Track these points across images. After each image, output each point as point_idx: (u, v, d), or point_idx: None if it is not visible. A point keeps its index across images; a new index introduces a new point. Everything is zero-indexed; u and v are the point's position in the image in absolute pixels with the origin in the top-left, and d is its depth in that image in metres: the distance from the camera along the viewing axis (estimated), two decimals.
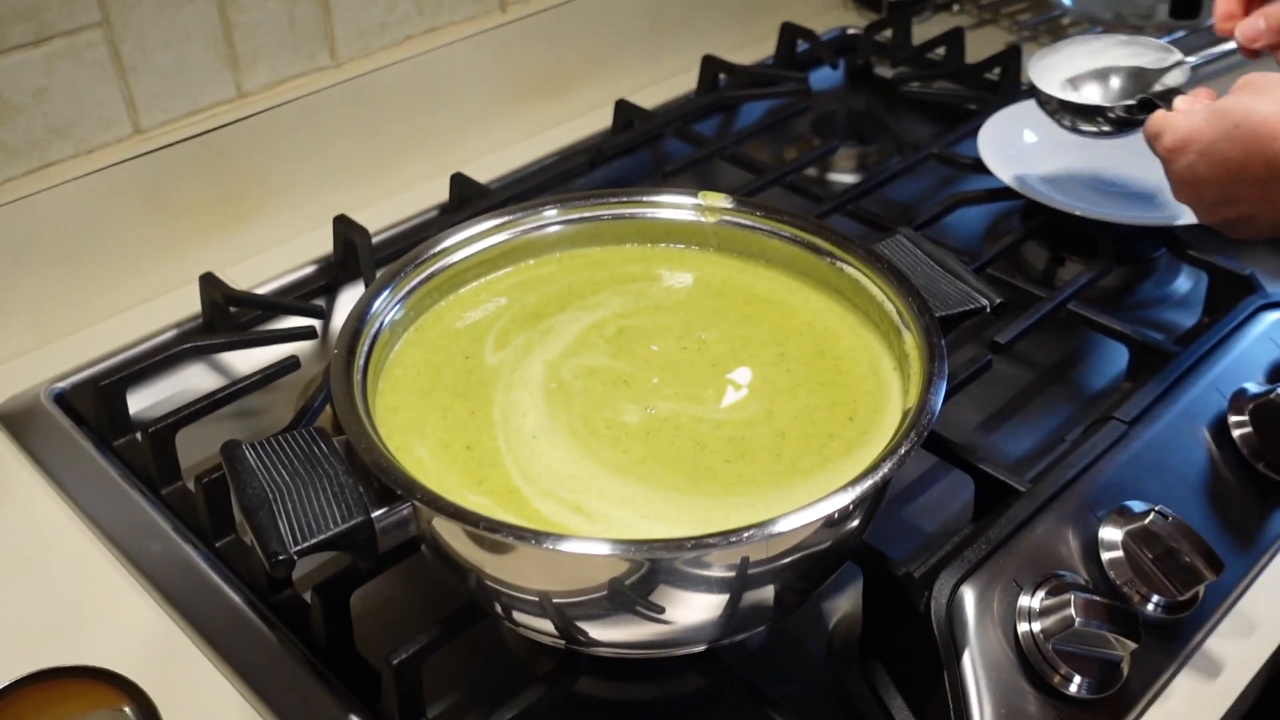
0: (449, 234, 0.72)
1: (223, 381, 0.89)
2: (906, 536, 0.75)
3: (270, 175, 1.00)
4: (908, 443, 0.57)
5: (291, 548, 0.55)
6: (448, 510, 0.54)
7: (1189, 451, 0.77)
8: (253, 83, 0.98)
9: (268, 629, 0.68)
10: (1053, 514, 0.71)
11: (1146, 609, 0.68)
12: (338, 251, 0.97)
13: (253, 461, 0.59)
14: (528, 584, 0.57)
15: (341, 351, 0.63)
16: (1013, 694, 0.63)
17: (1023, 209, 1.02)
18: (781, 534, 0.54)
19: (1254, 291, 0.89)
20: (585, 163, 1.07)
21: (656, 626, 0.58)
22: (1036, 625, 0.65)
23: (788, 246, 0.74)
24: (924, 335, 0.64)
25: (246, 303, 0.91)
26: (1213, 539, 0.69)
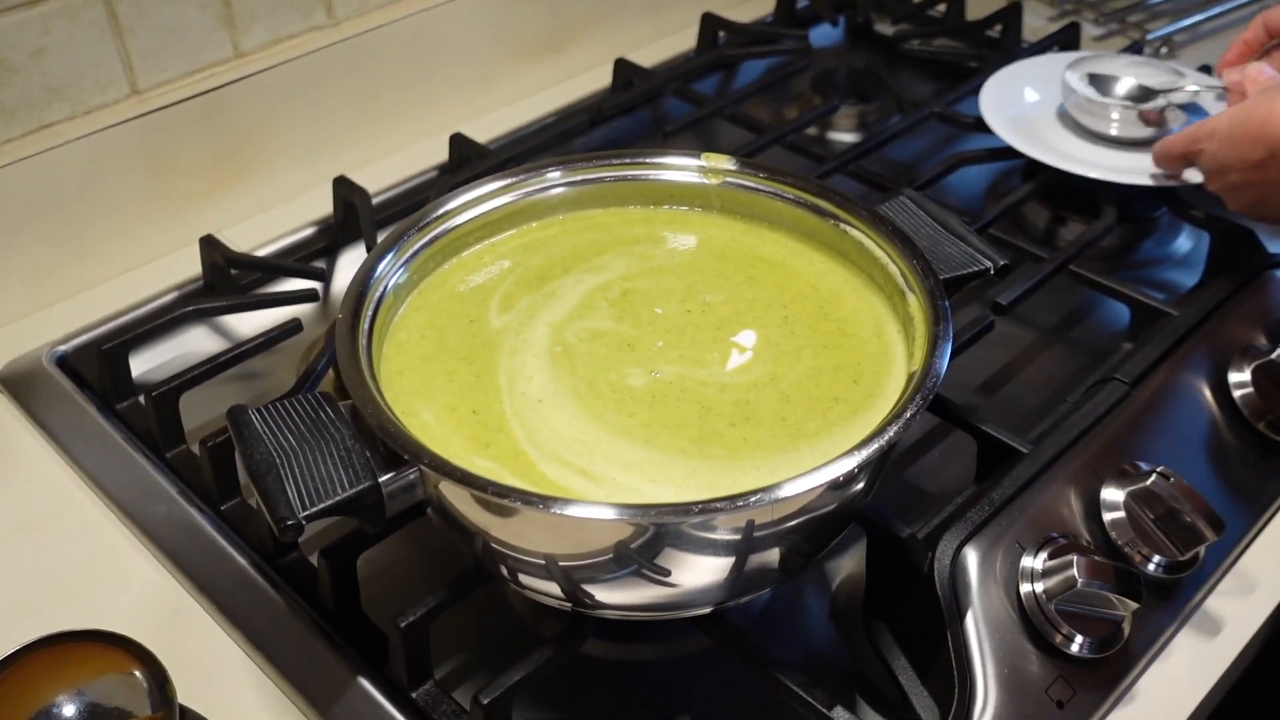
0: (451, 197, 0.71)
1: (224, 343, 0.89)
2: (909, 498, 0.76)
3: (268, 135, 0.99)
4: (913, 406, 0.57)
5: (300, 513, 0.55)
6: (455, 475, 0.54)
7: (1190, 412, 0.77)
8: (250, 42, 0.97)
9: (275, 592, 0.69)
10: (1055, 475, 0.71)
11: (1148, 569, 0.69)
12: (338, 213, 0.96)
13: (259, 426, 0.58)
14: (535, 548, 0.57)
15: (346, 316, 0.63)
16: (1015, 654, 0.64)
17: (1024, 168, 1.01)
18: (787, 498, 0.54)
19: (1255, 251, 0.89)
20: (585, 122, 1.06)
21: (662, 589, 0.58)
22: (1039, 586, 0.65)
23: (791, 208, 0.73)
24: (928, 298, 0.64)
25: (247, 265, 0.90)
26: (1214, 499, 0.70)
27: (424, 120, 1.09)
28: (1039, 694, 0.63)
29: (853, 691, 0.67)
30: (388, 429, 0.57)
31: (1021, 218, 1.00)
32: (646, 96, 1.10)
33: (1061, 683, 0.64)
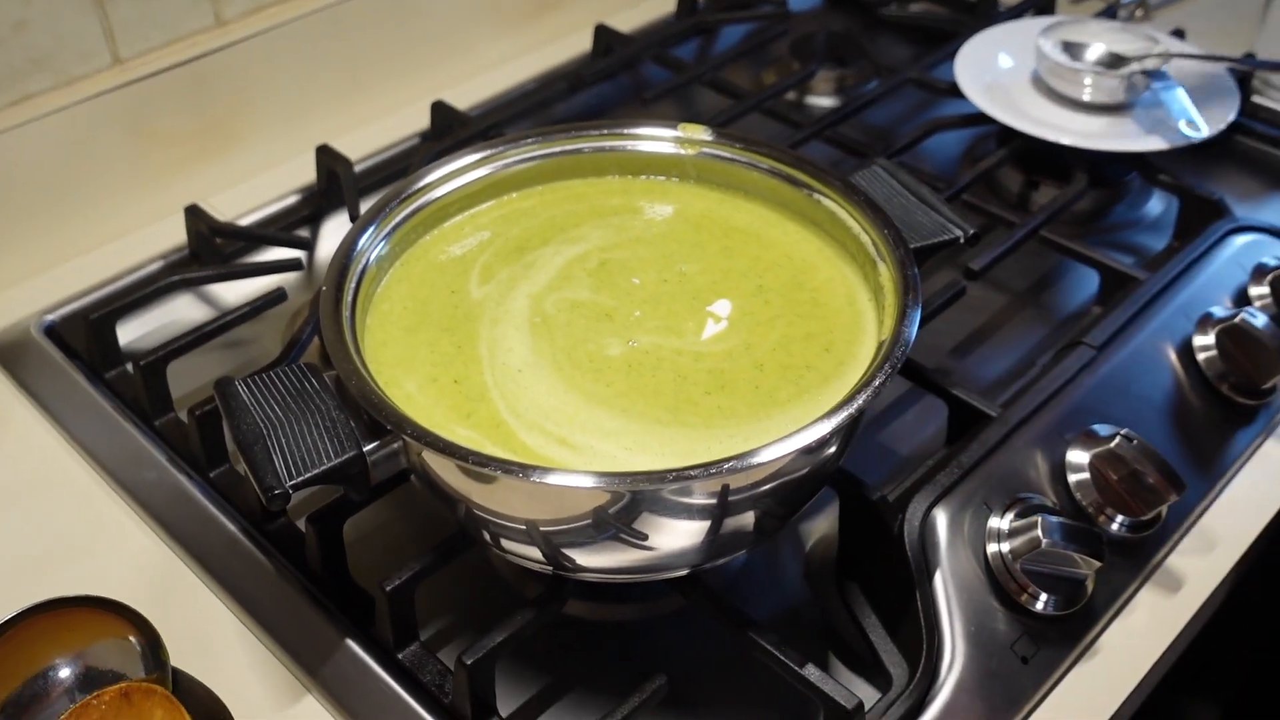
0: (431, 169, 0.72)
1: (209, 312, 0.90)
2: (882, 461, 0.77)
3: (251, 103, 1.00)
4: (881, 375, 0.59)
5: (286, 482, 0.56)
6: (437, 445, 0.56)
7: (1156, 375, 0.78)
8: (232, 11, 0.97)
9: (264, 557, 0.70)
10: (1023, 438, 0.73)
11: (1111, 528, 0.71)
12: (321, 181, 0.97)
13: (246, 398, 0.60)
14: (516, 514, 0.59)
15: (330, 289, 0.64)
16: (982, 612, 0.66)
17: (999, 133, 1.03)
18: (759, 465, 0.56)
19: (1223, 216, 0.90)
20: (565, 89, 1.07)
21: (640, 553, 0.60)
22: (1005, 546, 0.67)
23: (766, 179, 0.74)
24: (898, 268, 0.66)
25: (232, 234, 0.91)
26: (1176, 460, 0.72)
27: (405, 86, 1.10)
28: (1005, 650, 0.65)
29: (825, 649, 0.69)
30: (371, 400, 0.58)
31: (996, 183, 1.01)
32: (626, 63, 1.11)
33: (1026, 639, 0.66)
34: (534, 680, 0.67)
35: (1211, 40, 1.14)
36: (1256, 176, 1.02)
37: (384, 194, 0.70)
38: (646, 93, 1.04)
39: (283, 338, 0.88)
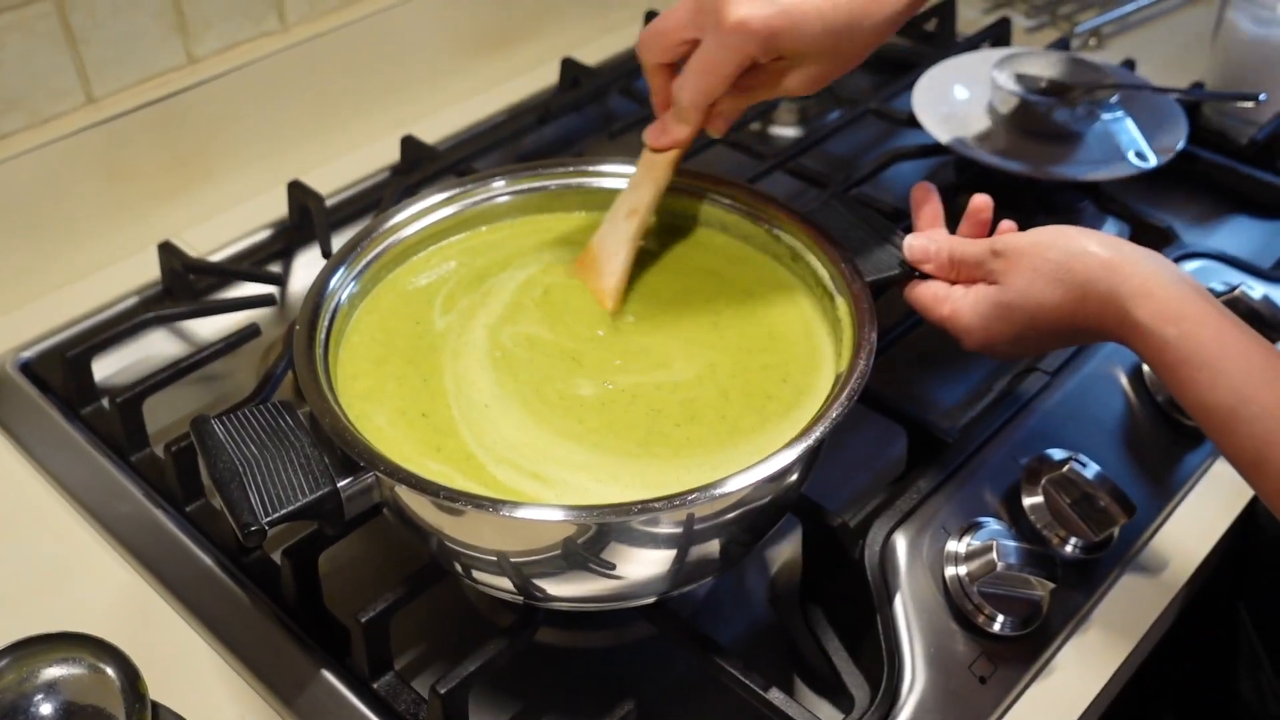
0: (400, 208, 0.74)
1: (184, 347, 0.91)
2: (843, 486, 0.79)
3: (223, 139, 1.01)
4: (838, 408, 0.61)
5: (262, 519, 0.57)
6: (409, 481, 0.57)
7: (1108, 399, 0.81)
8: (203, 49, 0.99)
9: (240, 589, 0.71)
10: (979, 463, 0.75)
11: (1065, 550, 0.73)
12: (293, 216, 0.98)
13: (222, 436, 0.61)
14: (487, 547, 0.60)
15: (303, 328, 0.66)
16: (941, 633, 0.68)
17: (956, 162, 1.05)
18: (721, 495, 0.58)
19: (1172, 242, 0.93)
20: (534, 121, 1.09)
21: (609, 582, 0.61)
22: (963, 569, 0.69)
23: (727, 213, 0.76)
24: (854, 301, 0.68)
25: (205, 270, 0.92)
26: (1127, 483, 0.74)
27: (375, 120, 1.11)
28: (963, 671, 0.67)
29: (790, 672, 0.70)
30: (344, 436, 0.60)
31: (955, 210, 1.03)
32: (593, 95, 1.13)
33: (984, 659, 0.68)
34: (507, 707, 0.68)
35: (1162, 69, 1.17)
36: (1204, 203, 1.05)
37: (355, 234, 0.72)
38: (614, 125, 1.06)
39: (257, 372, 0.89)
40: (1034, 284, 0.66)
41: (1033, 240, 0.67)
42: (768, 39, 0.64)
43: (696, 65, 0.67)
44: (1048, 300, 0.65)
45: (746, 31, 0.64)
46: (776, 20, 0.64)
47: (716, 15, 0.64)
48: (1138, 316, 0.62)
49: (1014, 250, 0.67)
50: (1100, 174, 0.96)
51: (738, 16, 0.64)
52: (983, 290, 0.69)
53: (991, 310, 0.68)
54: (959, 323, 0.70)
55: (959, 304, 0.69)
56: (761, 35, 0.64)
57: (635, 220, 0.72)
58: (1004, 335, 0.68)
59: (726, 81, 0.67)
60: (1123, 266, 0.63)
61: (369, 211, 1.01)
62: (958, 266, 0.71)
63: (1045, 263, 0.66)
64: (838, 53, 0.67)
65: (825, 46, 0.66)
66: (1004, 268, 0.68)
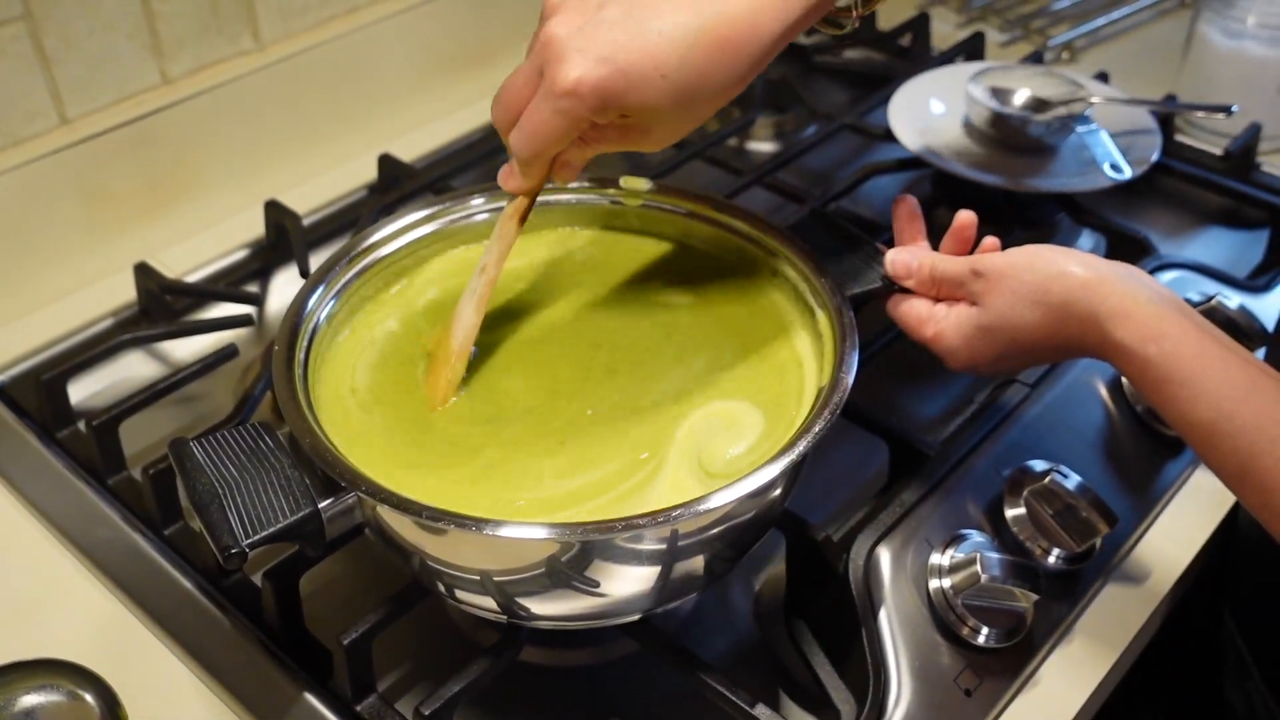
0: (378, 227, 0.74)
1: (160, 369, 0.91)
2: (826, 499, 0.79)
3: (199, 159, 1.01)
4: (821, 422, 0.61)
5: (243, 541, 0.57)
6: (391, 501, 0.57)
7: (1088, 410, 0.81)
8: (177, 69, 0.98)
9: (220, 613, 0.71)
10: (961, 475, 0.75)
11: (1048, 561, 0.73)
12: (270, 236, 0.98)
13: (201, 458, 0.61)
14: (469, 566, 0.60)
15: (282, 349, 0.65)
16: (926, 646, 0.68)
17: (933, 175, 1.05)
18: (706, 511, 0.57)
19: (1149, 253, 0.94)
20: None
21: (593, 600, 0.61)
22: (947, 582, 0.69)
23: (707, 228, 0.77)
24: (835, 315, 0.68)
25: (182, 291, 0.92)
26: (1108, 493, 0.74)
27: (352, 138, 1.11)
28: (948, 683, 0.67)
29: (775, 687, 0.70)
30: (325, 457, 0.59)
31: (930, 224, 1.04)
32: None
33: (969, 672, 0.68)
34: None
35: (1135, 82, 1.18)
36: (1179, 214, 1.06)
37: (333, 253, 0.72)
38: None
39: (235, 393, 0.88)
40: (1014, 306, 0.66)
41: (1011, 261, 0.67)
42: (603, 101, 0.58)
43: (529, 122, 0.61)
44: (1028, 321, 0.66)
45: (579, 95, 0.57)
46: (611, 82, 0.57)
47: (548, 72, 0.58)
48: (1118, 337, 0.62)
49: (993, 272, 0.68)
50: (1076, 186, 0.96)
51: (569, 80, 0.57)
52: (964, 312, 0.69)
53: (974, 332, 0.68)
54: (943, 344, 0.70)
55: (942, 326, 0.70)
56: (595, 99, 0.58)
57: (485, 278, 0.68)
58: (987, 356, 0.69)
59: (562, 141, 0.61)
60: (1101, 286, 0.63)
61: (346, 230, 1.00)
62: (939, 284, 0.71)
63: (1024, 285, 0.66)
64: (684, 113, 0.61)
65: (670, 104, 0.59)
66: (984, 289, 0.68)
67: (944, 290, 0.71)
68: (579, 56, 0.57)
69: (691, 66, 0.58)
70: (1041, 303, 0.65)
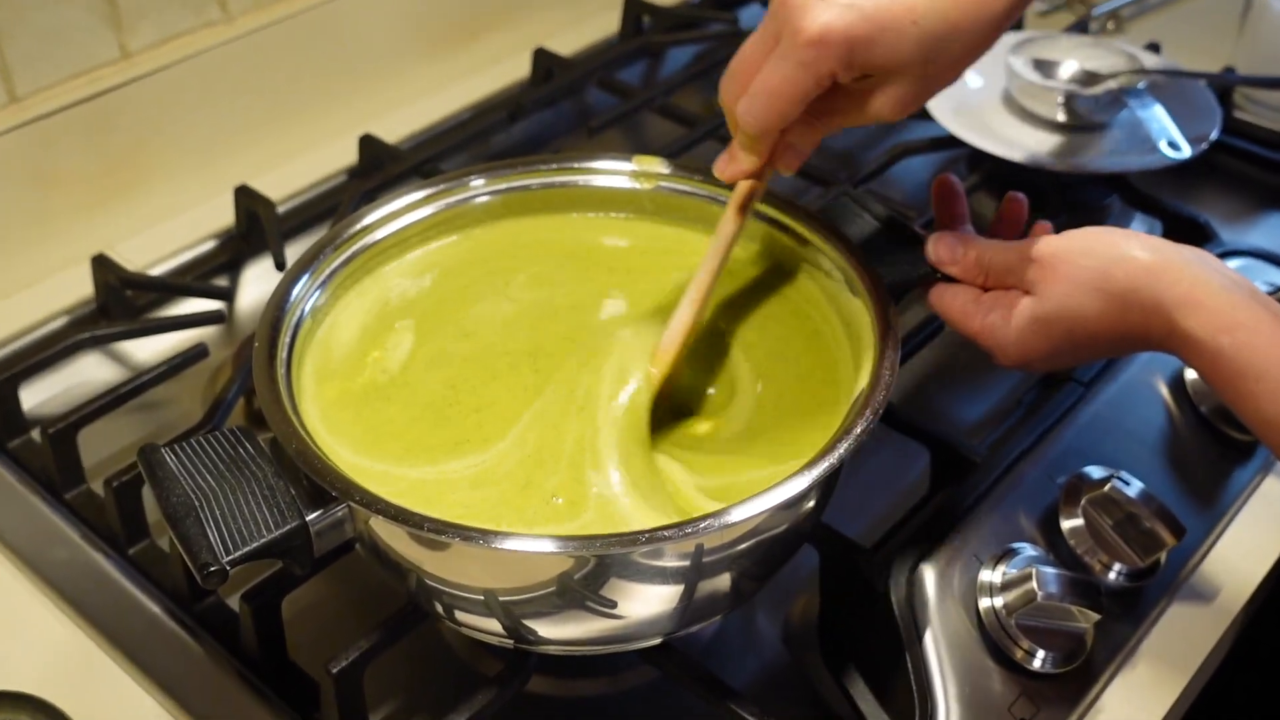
0: (367, 211, 0.73)
1: (121, 371, 0.90)
2: (862, 512, 0.78)
3: (161, 141, 1.00)
4: (862, 423, 0.60)
5: (223, 558, 0.56)
6: (387, 512, 0.56)
7: (1147, 411, 0.81)
8: (138, 42, 0.97)
9: (192, 640, 0.70)
10: (1011, 483, 0.74)
11: (1109, 577, 0.73)
12: (240, 224, 0.97)
13: (174, 466, 0.60)
14: (473, 584, 0.59)
15: (262, 344, 0.64)
16: (977, 672, 0.67)
17: (969, 156, 1.05)
18: (735, 523, 0.57)
19: (1209, 240, 0.93)
20: (504, 118, 1.08)
21: (609, 622, 0.60)
22: (998, 600, 0.68)
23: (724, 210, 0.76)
24: (875, 306, 0.67)
25: (144, 285, 0.91)
26: (1173, 501, 0.74)
27: (329, 119, 1.10)
28: (1002, 712, 0.66)
29: (810, 718, 0.70)
30: (313, 464, 0.59)
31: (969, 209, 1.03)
32: (568, 88, 1.12)
33: (1024, 700, 0.67)
34: None
35: (1188, 54, 1.18)
36: (1241, 197, 1.05)
37: (318, 240, 0.71)
38: (592, 121, 1.06)
39: (204, 398, 0.88)
40: (1072, 294, 0.65)
41: (1067, 245, 0.67)
42: (851, 52, 0.59)
43: (764, 85, 0.61)
44: (1087, 311, 0.65)
45: (826, 44, 0.58)
46: (861, 28, 0.58)
47: (791, 24, 0.59)
48: (1187, 327, 0.61)
49: (1048, 256, 0.67)
50: (1129, 166, 0.96)
51: (817, 25, 0.58)
52: (1015, 302, 0.68)
53: (1027, 325, 0.67)
54: (992, 338, 0.69)
55: (991, 318, 0.69)
56: (843, 48, 0.59)
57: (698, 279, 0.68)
58: (1041, 350, 0.68)
59: (799, 104, 0.62)
60: (1167, 272, 0.63)
61: (325, 219, 1.00)
62: (987, 271, 0.70)
63: (1082, 271, 0.65)
64: (933, 67, 0.62)
65: (918, 59, 0.61)
66: (1038, 276, 0.67)
67: (992, 278, 0.70)
68: (824, 5, 0.59)
69: (939, 14, 0.60)
70: (1102, 290, 0.64)
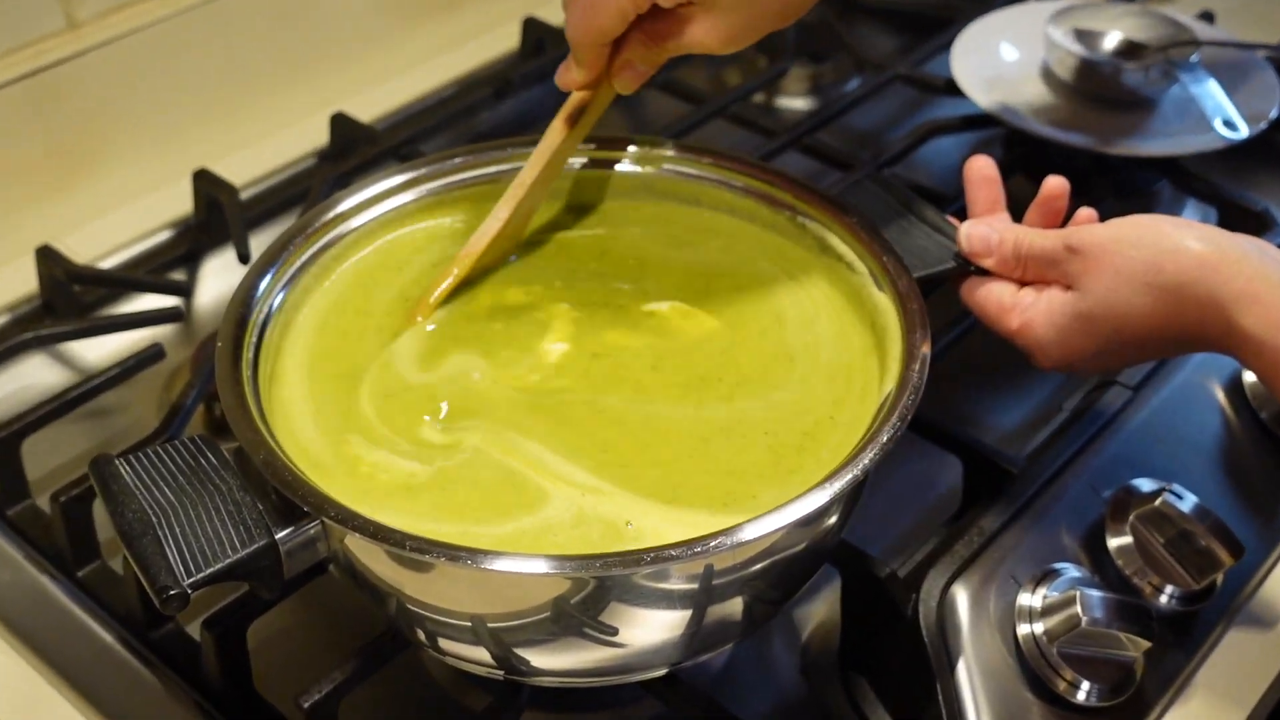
0: (341, 197, 0.74)
1: (69, 374, 0.90)
2: (886, 528, 0.79)
3: (112, 121, 1.00)
4: (889, 430, 0.61)
5: (184, 581, 0.56)
6: (365, 529, 0.56)
7: (1202, 417, 0.81)
8: (86, 11, 0.98)
9: (148, 671, 0.70)
10: (1051, 497, 0.74)
11: (1160, 601, 0.73)
12: (199, 213, 0.98)
13: (129, 479, 0.60)
14: (459, 608, 0.60)
15: (226, 345, 0.65)
16: (1014, 705, 0.67)
17: (1004, 136, 1.05)
18: (749, 541, 0.57)
19: (1270, 228, 0.93)
20: (490, 95, 1.09)
21: (610, 650, 0.60)
22: (1038, 626, 0.69)
23: (741, 199, 0.76)
24: (901, 301, 0.67)
25: (93, 280, 0.92)
26: (1231, 517, 0.74)
27: (297, 95, 1.11)
28: None
29: None
30: (282, 476, 0.59)
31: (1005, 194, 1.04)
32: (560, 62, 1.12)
33: None
34: None
35: (1243, 24, 1.18)
36: None
37: (286, 229, 0.71)
38: None
39: (159, 404, 0.88)
40: (1118, 289, 0.66)
41: (1114, 235, 0.67)
42: None
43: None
44: (1136, 308, 0.65)
45: None
46: None
47: None
48: (1245, 324, 0.62)
49: (1093, 247, 0.67)
50: (1180, 147, 0.96)
51: None
52: (1057, 298, 0.68)
53: (1070, 323, 0.68)
54: (1031, 338, 0.69)
55: (1030, 315, 0.69)
56: None
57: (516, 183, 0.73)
58: (1085, 351, 0.68)
59: (618, 21, 0.65)
60: (1225, 264, 0.63)
61: (293, 206, 1.00)
62: (1025, 263, 0.70)
63: (1130, 263, 0.65)
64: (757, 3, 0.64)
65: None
66: (1082, 269, 0.67)
67: (1031, 271, 0.70)
68: None
69: None
70: (1153, 284, 0.64)
